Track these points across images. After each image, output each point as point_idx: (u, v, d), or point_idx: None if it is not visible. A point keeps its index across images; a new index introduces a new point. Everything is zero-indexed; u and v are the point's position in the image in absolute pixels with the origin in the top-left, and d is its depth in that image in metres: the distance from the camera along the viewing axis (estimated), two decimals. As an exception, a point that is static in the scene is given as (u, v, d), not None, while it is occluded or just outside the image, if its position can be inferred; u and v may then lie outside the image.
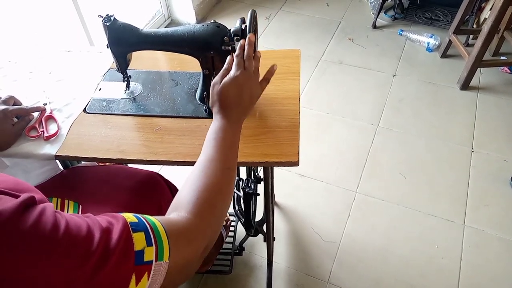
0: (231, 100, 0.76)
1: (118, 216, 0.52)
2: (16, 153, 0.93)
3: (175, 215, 0.61)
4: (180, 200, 0.64)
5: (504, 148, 1.94)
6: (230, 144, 0.73)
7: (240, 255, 1.52)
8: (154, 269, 0.50)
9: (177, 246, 0.54)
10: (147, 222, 0.53)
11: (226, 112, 0.76)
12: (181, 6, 2.76)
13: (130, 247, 0.49)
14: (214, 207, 0.65)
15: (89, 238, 0.46)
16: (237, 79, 0.76)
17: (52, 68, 1.15)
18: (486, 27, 1.99)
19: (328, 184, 1.81)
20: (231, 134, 0.74)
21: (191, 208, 0.61)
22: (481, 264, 1.54)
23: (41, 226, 0.44)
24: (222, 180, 0.68)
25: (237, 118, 0.77)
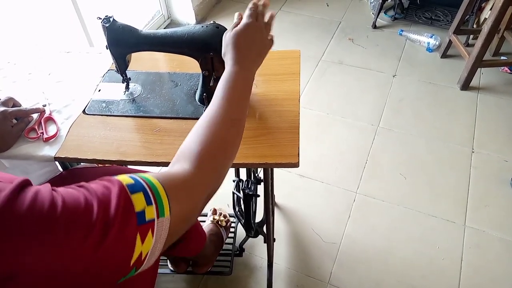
0: (242, 46, 0.76)
1: (113, 179, 0.51)
2: (15, 155, 0.93)
3: (177, 167, 0.60)
4: (183, 151, 0.63)
5: (504, 148, 1.94)
6: (240, 93, 0.72)
7: (240, 256, 1.52)
8: (157, 226, 0.51)
9: (176, 200, 0.54)
10: (144, 181, 0.52)
11: (238, 58, 0.75)
12: (180, 6, 2.76)
13: (130, 209, 0.49)
14: (217, 159, 0.64)
15: (88, 210, 0.46)
16: (249, 26, 0.77)
17: (52, 69, 1.15)
18: (486, 27, 1.98)
19: (328, 184, 1.81)
20: (242, 81, 0.73)
21: (192, 160, 0.61)
22: (481, 265, 1.53)
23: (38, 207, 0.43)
24: (227, 131, 0.67)
25: (249, 65, 0.76)
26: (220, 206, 1.62)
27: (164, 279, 1.51)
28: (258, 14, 0.80)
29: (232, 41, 0.77)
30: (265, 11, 0.81)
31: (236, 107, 0.70)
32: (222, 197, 1.67)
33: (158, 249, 0.52)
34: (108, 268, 0.48)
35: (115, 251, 0.47)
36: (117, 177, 0.52)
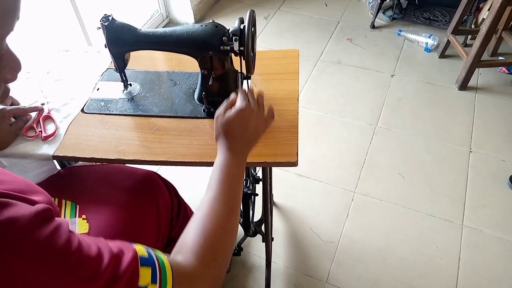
0: (235, 132, 0.75)
1: (129, 246, 0.53)
2: (13, 153, 0.93)
3: (181, 258, 0.61)
4: (186, 242, 0.64)
5: (502, 148, 1.94)
6: (235, 181, 0.73)
7: (238, 255, 1.52)
8: None
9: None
10: (157, 259, 0.54)
11: (231, 144, 0.75)
12: (179, 5, 2.75)
13: (135, 280, 0.50)
14: (221, 252, 0.66)
15: (98, 260, 0.47)
16: (242, 111, 0.75)
17: (50, 68, 1.15)
18: (484, 28, 1.99)
19: (327, 184, 1.81)
20: (236, 168, 0.74)
21: (197, 254, 0.61)
22: (479, 264, 1.54)
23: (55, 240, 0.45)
24: (227, 222, 0.68)
25: (242, 150, 0.76)
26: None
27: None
28: (249, 95, 0.79)
29: (223, 128, 0.76)
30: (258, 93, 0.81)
31: (233, 196, 0.71)
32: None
33: None
34: None
35: None
36: (135, 245, 0.54)
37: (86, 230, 0.90)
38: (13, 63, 0.46)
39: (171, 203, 1.10)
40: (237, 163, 0.74)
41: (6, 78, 0.46)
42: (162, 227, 1.02)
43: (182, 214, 1.14)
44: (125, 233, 0.92)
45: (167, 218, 1.06)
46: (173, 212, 1.10)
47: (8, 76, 0.46)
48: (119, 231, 0.91)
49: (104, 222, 0.92)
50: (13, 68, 0.46)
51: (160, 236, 1.01)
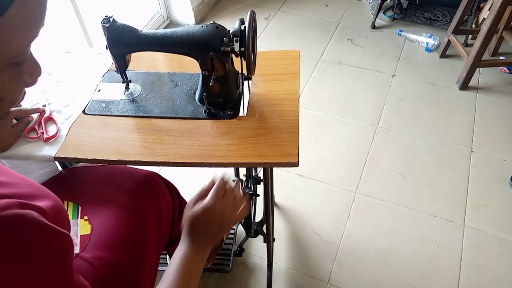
0: (199, 230, 0.75)
1: None
2: (15, 155, 0.93)
3: None
4: None
5: (503, 147, 1.94)
6: (193, 275, 0.73)
7: (240, 256, 1.52)
8: None
9: None
10: None
11: (193, 238, 0.75)
12: (180, 6, 2.76)
13: None
14: None
15: None
16: (209, 209, 0.74)
17: (52, 69, 1.15)
18: (485, 27, 1.99)
19: (328, 184, 1.81)
20: (195, 262, 0.74)
21: None
22: (481, 264, 1.54)
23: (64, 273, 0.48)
24: None
25: (204, 245, 0.76)
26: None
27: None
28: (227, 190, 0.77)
29: (188, 223, 0.75)
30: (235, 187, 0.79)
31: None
32: (222, 197, 1.69)
33: None
34: None
35: None
36: None
37: (88, 232, 0.90)
38: (34, 68, 0.48)
39: (173, 203, 1.10)
40: (197, 258, 0.75)
41: (27, 82, 0.47)
42: (163, 227, 1.02)
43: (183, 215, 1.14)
44: (127, 234, 0.92)
45: (168, 218, 1.06)
46: (174, 212, 1.10)
47: (28, 80, 0.47)
48: (121, 232, 0.92)
49: (106, 223, 0.92)
50: (34, 73, 0.48)
51: (161, 236, 1.01)
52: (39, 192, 0.51)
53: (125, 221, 0.94)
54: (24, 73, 0.46)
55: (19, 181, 0.51)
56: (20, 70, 0.45)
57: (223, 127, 0.97)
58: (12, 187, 0.48)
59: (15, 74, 0.44)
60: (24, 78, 0.46)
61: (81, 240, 0.88)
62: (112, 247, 0.89)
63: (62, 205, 0.56)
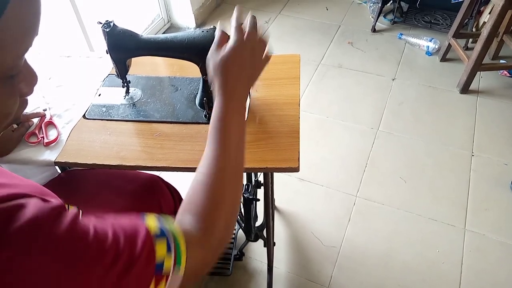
0: (231, 74, 0.67)
1: (141, 223, 0.52)
2: (15, 160, 0.93)
3: (189, 220, 0.60)
4: (193, 203, 0.62)
5: (504, 151, 1.94)
6: (237, 131, 0.67)
7: (240, 260, 1.51)
8: (171, 277, 0.52)
9: (193, 255, 0.55)
10: (169, 230, 0.53)
11: (228, 88, 0.67)
12: (180, 10, 2.76)
13: (152, 255, 0.50)
14: (228, 212, 0.63)
15: (115, 244, 0.47)
16: (236, 49, 0.67)
17: (52, 73, 1.15)
18: (486, 31, 1.99)
19: (328, 188, 1.81)
20: (236, 115, 0.67)
21: (205, 215, 0.60)
22: (482, 269, 1.53)
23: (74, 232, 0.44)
24: (233, 180, 0.65)
25: (241, 94, 0.69)
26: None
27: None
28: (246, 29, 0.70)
29: (219, 71, 0.67)
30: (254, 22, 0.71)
31: (235, 150, 0.66)
32: (222, 201, 1.68)
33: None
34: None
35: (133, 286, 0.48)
36: (145, 220, 0.53)
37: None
38: (30, 77, 0.46)
39: (175, 207, 1.10)
40: (237, 110, 0.67)
41: (22, 92, 0.45)
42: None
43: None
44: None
45: (170, 223, 1.06)
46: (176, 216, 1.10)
47: (24, 90, 0.46)
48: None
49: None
50: (30, 82, 0.46)
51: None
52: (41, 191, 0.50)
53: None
54: (19, 83, 0.44)
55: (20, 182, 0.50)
56: (13, 82, 0.43)
57: (224, 132, 0.96)
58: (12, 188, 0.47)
59: (7, 88, 0.42)
60: (19, 88, 0.45)
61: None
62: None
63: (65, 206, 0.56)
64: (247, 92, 0.72)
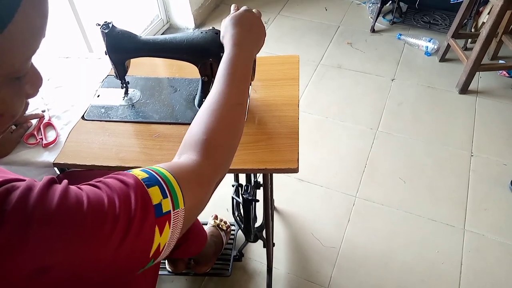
0: (242, 27, 0.77)
1: (128, 174, 0.52)
2: (14, 161, 0.93)
3: (185, 157, 0.61)
4: (189, 141, 0.64)
5: (503, 151, 1.94)
6: (241, 76, 0.72)
7: (239, 261, 1.51)
8: (173, 217, 0.52)
9: (189, 190, 0.55)
10: (157, 174, 0.53)
11: (237, 39, 0.76)
12: (179, 11, 2.76)
13: (148, 203, 0.50)
14: (224, 146, 0.65)
15: (111, 206, 0.47)
16: (248, 11, 0.81)
17: (51, 74, 1.15)
18: (485, 31, 1.99)
19: (328, 188, 1.81)
20: (242, 64, 0.74)
21: (200, 150, 0.61)
22: (481, 269, 1.53)
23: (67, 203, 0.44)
24: (232, 117, 0.67)
25: (248, 46, 0.77)
26: (220, 213, 1.62)
27: (164, 281, 1.50)
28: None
29: (231, 22, 0.78)
30: None
31: (238, 91, 0.70)
32: (222, 202, 1.68)
33: (174, 240, 0.53)
34: (131, 260, 0.49)
35: (137, 244, 0.48)
36: (131, 172, 0.53)
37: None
38: (35, 78, 0.47)
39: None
40: (244, 58, 0.74)
41: (28, 93, 0.46)
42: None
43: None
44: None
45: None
46: None
47: (29, 91, 0.46)
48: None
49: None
50: (35, 84, 0.47)
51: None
52: None
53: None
54: (25, 85, 0.45)
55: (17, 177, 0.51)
56: (20, 84, 0.44)
57: (223, 133, 0.96)
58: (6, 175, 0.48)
59: (15, 89, 0.43)
60: (25, 90, 0.45)
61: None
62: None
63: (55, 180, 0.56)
64: (254, 48, 0.79)
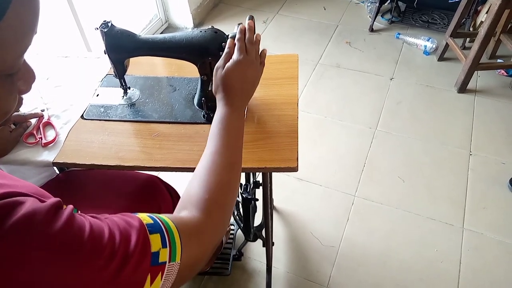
0: (234, 85, 0.76)
1: (134, 216, 0.53)
2: (13, 160, 0.92)
3: (186, 213, 0.62)
4: (190, 198, 0.65)
5: (502, 150, 1.95)
6: (235, 134, 0.74)
7: (239, 260, 1.51)
8: (167, 269, 0.52)
9: (188, 246, 0.56)
10: (162, 223, 0.54)
11: (230, 98, 0.76)
12: (178, 10, 2.76)
13: (147, 248, 0.50)
14: (224, 205, 0.66)
15: (111, 241, 0.47)
16: (240, 63, 0.77)
17: (50, 74, 1.15)
18: (483, 30, 1.99)
19: (327, 188, 1.81)
20: (235, 121, 0.75)
21: (202, 208, 0.62)
22: (480, 268, 1.54)
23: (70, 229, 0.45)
24: (231, 177, 0.69)
25: (241, 104, 0.77)
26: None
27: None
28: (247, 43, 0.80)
29: (222, 81, 0.77)
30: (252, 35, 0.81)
31: (234, 151, 0.72)
32: (221, 201, 1.68)
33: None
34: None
35: (127, 284, 0.48)
36: (138, 215, 0.54)
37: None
38: (28, 75, 0.47)
39: (173, 207, 1.10)
40: (236, 117, 0.75)
41: (20, 90, 0.46)
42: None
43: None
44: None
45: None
46: None
47: (22, 87, 0.46)
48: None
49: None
50: (28, 80, 0.47)
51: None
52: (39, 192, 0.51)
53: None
54: (18, 81, 0.45)
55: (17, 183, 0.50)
56: (13, 80, 0.44)
57: (222, 132, 0.96)
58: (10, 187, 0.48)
59: (7, 85, 0.43)
60: (18, 86, 0.45)
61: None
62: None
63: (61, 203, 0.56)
64: (245, 103, 0.79)
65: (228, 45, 0.80)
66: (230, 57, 0.78)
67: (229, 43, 0.80)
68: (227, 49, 0.80)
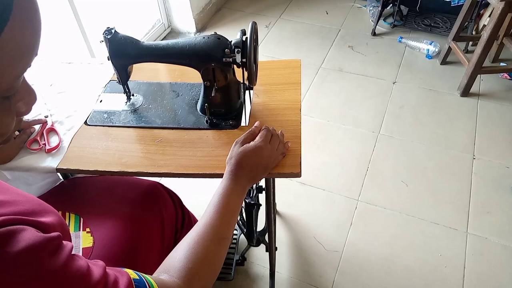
0: (245, 167, 0.79)
1: (122, 271, 0.56)
2: (17, 167, 0.93)
3: (167, 277, 0.63)
4: (174, 263, 0.66)
5: (506, 154, 1.94)
6: (232, 209, 0.76)
7: (242, 265, 1.51)
8: None
9: None
10: (146, 282, 0.57)
11: (237, 175, 0.79)
12: (181, 15, 2.77)
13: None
14: (205, 278, 0.68)
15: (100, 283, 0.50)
16: (260, 149, 0.81)
17: (53, 80, 1.15)
18: (486, 34, 1.99)
19: (330, 192, 1.81)
20: (236, 197, 0.77)
21: (183, 276, 0.64)
22: (484, 272, 1.53)
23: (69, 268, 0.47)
24: (217, 252, 0.71)
25: (246, 183, 0.80)
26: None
27: None
28: (273, 134, 0.85)
29: (236, 158, 0.80)
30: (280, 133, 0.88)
31: (226, 227, 0.74)
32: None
33: None
34: None
35: None
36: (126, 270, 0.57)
37: (90, 244, 0.90)
38: (28, 96, 0.45)
39: (176, 214, 1.10)
40: (237, 194, 0.78)
41: (20, 112, 0.45)
42: (166, 239, 1.02)
43: (186, 225, 1.14)
44: (129, 246, 0.92)
45: (171, 229, 1.06)
46: (177, 223, 1.10)
47: (22, 109, 0.45)
48: (123, 245, 0.91)
49: (108, 235, 0.92)
50: (28, 102, 0.46)
51: (164, 248, 1.00)
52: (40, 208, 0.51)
53: (127, 233, 0.93)
54: (17, 102, 0.44)
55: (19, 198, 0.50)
56: (10, 102, 0.42)
57: (225, 138, 0.97)
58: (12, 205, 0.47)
59: (4, 108, 0.41)
60: (17, 108, 0.44)
61: (83, 253, 0.88)
62: (114, 259, 0.88)
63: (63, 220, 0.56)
64: (250, 184, 0.82)
65: (256, 125, 0.87)
66: (252, 137, 0.84)
67: (257, 123, 0.88)
68: (253, 127, 0.86)
